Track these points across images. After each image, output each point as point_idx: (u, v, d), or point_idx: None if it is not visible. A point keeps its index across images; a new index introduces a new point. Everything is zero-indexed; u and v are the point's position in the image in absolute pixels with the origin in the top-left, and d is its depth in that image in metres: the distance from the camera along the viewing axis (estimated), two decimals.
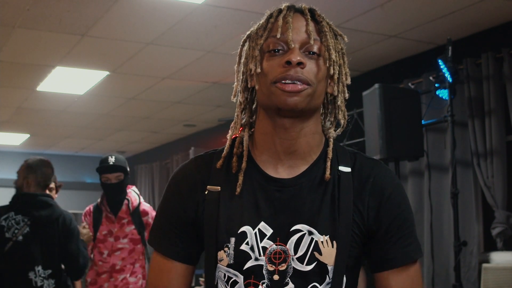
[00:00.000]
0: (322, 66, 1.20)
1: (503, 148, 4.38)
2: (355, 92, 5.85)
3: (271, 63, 1.18)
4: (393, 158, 4.31)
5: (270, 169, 1.23)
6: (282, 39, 1.18)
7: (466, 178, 4.58)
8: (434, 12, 4.35)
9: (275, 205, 1.20)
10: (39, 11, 4.30)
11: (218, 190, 1.22)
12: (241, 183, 1.21)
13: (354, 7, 4.27)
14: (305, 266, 1.17)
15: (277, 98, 1.16)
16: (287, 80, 1.15)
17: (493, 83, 4.40)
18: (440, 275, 4.68)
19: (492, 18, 4.45)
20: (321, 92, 1.22)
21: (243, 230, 1.19)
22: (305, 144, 1.22)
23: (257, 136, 1.25)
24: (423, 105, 4.61)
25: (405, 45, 5.02)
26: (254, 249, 1.18)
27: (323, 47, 1.21)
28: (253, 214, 1.20)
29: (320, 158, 1.24)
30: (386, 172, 1.26)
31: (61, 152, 10.55)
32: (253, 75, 1.23)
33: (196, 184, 1.25)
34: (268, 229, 1.18)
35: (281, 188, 1.21)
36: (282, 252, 1.17)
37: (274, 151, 1.22)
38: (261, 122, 1.24)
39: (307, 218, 1.19)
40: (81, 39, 4.89)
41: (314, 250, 1.17)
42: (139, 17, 4.44)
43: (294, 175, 1.22)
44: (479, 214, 4.60)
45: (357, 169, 1.24)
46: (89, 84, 6.23)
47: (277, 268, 1.17)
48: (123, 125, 8.35)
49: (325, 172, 1.22)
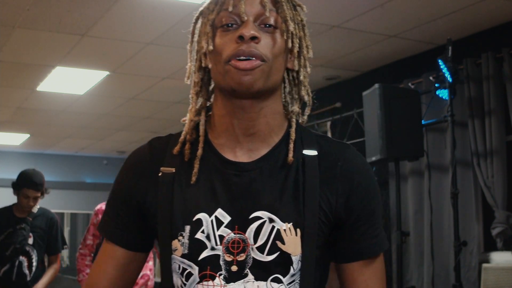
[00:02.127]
0: (279, 40, 1.11)
1: (503, 148, 4.38)
2: (355, 92, 5.86)
3: (224, 39, 1.10)
4: (393, 158, 4.31)
5: (228, 153, 1.14)
6: (235, 12, 1.09)
7: (466, 178, 4.58)
8: (434, 12, 4.35)
9: (233, 191, 1.11)
10: (39, 11, 4.30)
11: (173, 172, 1.13)
12: (196, 171, 1.13)
13: (354, 7, 4.27)
14: (266, 256, 1.08)
15: (231, 78, 1.07)
16: (240, 56, 1.06)
17: (493, 83, 4.40)
18: (440, 275, 4.68)
19: (492, 18, 4.45)
20: (279, 68, 1.12)
21: (199, 218, 1.10)
22: (265, 125, 1.13)
23: (214, 118, 1.17)
24: (423, 105, 4.61)
25: (405, 45, 5.02)
26: (210, 238, 1.09)
27: (280, 18, 1.11)
28: (209, 200, 1.11)
29: (283, 140, 1.15)
30: (356, 157, 1.17)
31: (61, 152, 10.55)
32: (206, 54, 1.14)
33: (148, 167, 1.16)
34: (226, 217, 1.09)
35: (240, 173, 1.12)
36: (240, 241, 1.08)
37: (232, 134, 1.14)
38: (218, 103, 1.15)
39: (267, 204, 1.09)
40: (81, 39, 4.89)
41: (276, 239, 1.08)
42: (139, 17, 4.44)
43: (254, 159, 1.13)
44: (479, 214, 4.59)
45: (324, 152, 1.15)
46: (89, 84, 6.23)
47: (235, 259, 1.08)
48: (123, 125, 8.35)
49: (288, 155, 1.12)
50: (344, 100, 6.04)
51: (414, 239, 4.94)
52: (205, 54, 1.15)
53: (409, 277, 4.98)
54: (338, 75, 5.96)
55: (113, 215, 1.19)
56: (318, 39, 4.87)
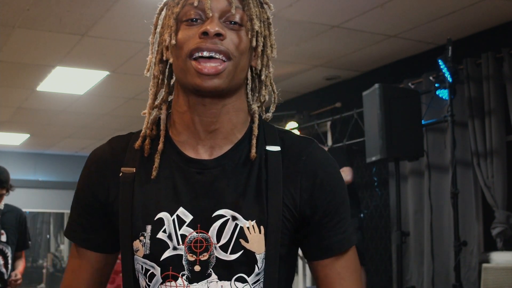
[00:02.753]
0: (244, 38, 1.08)
1: (503, 148, 4.38)
2: (355, 92, 5.85)
3: (187, 33, 1.07)
4: (393, 158, 4.32)
5: (189, 150, 1.11)
6: (200, 7, 1.06)
7: (466, 178, 4.58)
8: (434, 12, 4.35)
9: (196, 189, 1.08)
10: (39, 11, 4.30)
11: (133, 172, 1.11)
12: (157, 166, 1.10)
13: (354, 7, 4.27)
14: (229, 255, 1.05)
15: (193, 79, 1.05)
16: (203, 51, 1.03)
17: (493, 83, 4.40)
18: (440, 275, 4.68)
19: (492, 18, 4.45)
20: (244, 67, 1.10)
21: (160, 217, 1.07)
22: (227, 122, 1.11)
23: (174, 115, 1.14)
24: (423, 105, 4.61)
25: (405, 45, 5.02)
26: (172, 238, 1.06)
27: (245, 16, 1.09)
28: (171, 199, 1.08)
29: (245, 137, 1.13)
30: (319, 151, 1.14)
31: (61, 152, 10.55)
32: (168, 47, 1.12)
33: (108, 167, 1.14)
34: (188, 215, 1.07)
35: (202, 170, 1.09)
36: (203, 240, 1.06)
37: (193, 131, 1.11)
38: (178, 99, 1.13)
39: (230, 202, 1.07)
40: (81, 39, 4.89)
41: (240, 237, 1.05)
42: (139, 17, 4.44)
43: (216, 156, 1.11)
44: (479, 214, 4.59)
45: (287, 148, 1.12)
46: (89, 84, 6.23)
47: (198, 258, 1.05)
48: (123, 125, 8.35)
49: (251, 151, 1.10)
50: (344, 100, 6.04)
51: (414, 239, 4.94)
52: (167, 47, 1.13)
53: (409, 277, 4.98)
54: (338, 75, 5.96)
55: (79, 219, 1.17)
56: (318, 39, 4.87)
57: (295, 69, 5.73)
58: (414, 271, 4.98)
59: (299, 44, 5.01)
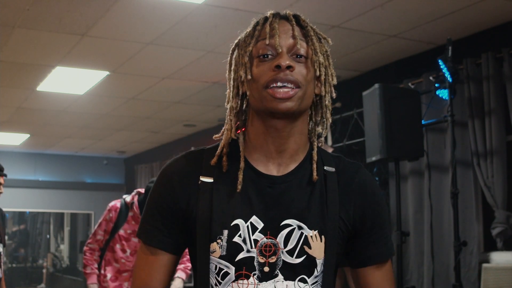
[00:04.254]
0: (310, 68, 1.26)
1: (503, 148, 4.38)
2: (355, 92, 5.83)
3: (261, 68, 1.24)
4: (393, 158, 4.31)
5: (261, 167, 1.28)
6: (270, 44, 1.24)
7: (466, 178, 4.58)
8: (434, 12, 4.36)
9: (266, 200, 1.25)
10: (39, 11, 4.30)
11: (211, 182, 1.27)
12: (241, 181, 1.26)
13: (354, 7, 4.27)
14: (294, 259, 1.22)
15: (269, 103, 1.21)
16: (277, 82, 1.21)
17: (493, 83, 4.40)
18: (440, 275, 4.69)
19: (492, 18, 4.45)
20: (311, 94, 1.27)
21: (236, 223, 1.23)
22: (293, 143, 1.28)
23: (249, 136, 1.31)
24: (423, 105, 4.61)
25: (405, 45, 5.02)
26: (246, 242, 1.22)
27: (309, 50, 1.26)
28: (245, 208, 1.24)
29: (307, 158, 1.31)
30: (368, 175, 1.35)
31: (61, 152, 10.55)
32: (244, 82, 1.28)
33: (188, 176, 1.29)
34: (260, 223, 1.24)
35: (272, 185, 1.27)
36: (272, 245, 1.23)
37: (266, 150, 1.28)
38: (253, 123, 1.29)
39: (296, 214, 1.25)
40: (81, 39, 4.89)
41: (304, 244, 1.23)
42: (139, 17, 4.45)
43: (284, 173, 1.28)
44: (479, 214, 4.60)
45: (341, 170, 1.32)
46: (89, 84, 6.23)
47: (267, 260, 1.22)
48: (123, 125, 8.35)
49: (313, 173, 1.28)
50: (344, 100, 6.03)
51: (414, 239, 4.94)
52: (242, 82, 1.29)
53: (409, 277, 4.98)
54: (338, 75, 5.87)
55: (158, 224, 1.30)
56: None
57: None
58: (414, 271, 4.98)
59: None
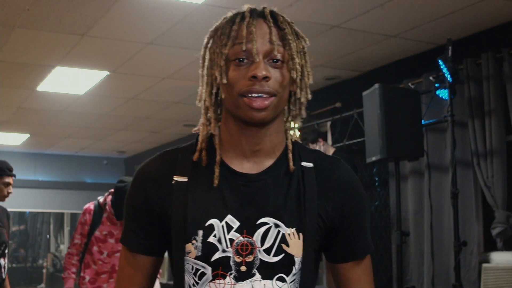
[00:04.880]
0: (286, 73, 1.23)
1: (503, 148, 4.38)
2: (355, 92, 5.83)
3: (237, 73, 1.21)
4: (393, 158, 4.31)
5: (236, 165, 1.27)
6: (247, 49, 1.21)
7: (466, 178, 4.58)
8: (434, 12, 4.36)
9: (242, 199, 1.24)
10: (39, 11, 4.30)
11: (186, 181, 1.25)
12: (218, 175, 1.24)
13: (354, 7, 4.27)
14: (272, 258, 1.21)
15: (244, 112, 1.20)
16: (253, 93, 1.19)
17: (493, 83, 4.40)
18: (440, 275, 4.68)
19: (492, 18, 4.45)
20: (286, 97, 1.26)
21: (211, 223, 1.22)
22: (269, 142, 1.27)
23: (223, 135, 1.29)
24: (423, 105, 4.61)
25: (405, 45, 5.02)
26: (222, 241, 1.21)
27: (286, 54, 1.23)
28: (220, 207, 1.23)
29: (283, 154, 1.29)
30: (348, 169, 1.32)
31: (61, 152, 10.55)
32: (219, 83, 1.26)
33: (161, 177, 1.27)
34: (235, 222, 1.22)
35: (247, 183, 1.25)
36: (249, 244, 1.21)
37: (240, 149, 1.26)
38: (228, 123, 1.27)
39: (272, 211, 1.23)
40: (81, 39, 4.89)
41: (282, 242, 1.21)
42: (139, 17, 4.45)
43: (260, 171, 1.26)
44: (479, 214, 4.60)
45: (319, 165, 1.30)
46: (89, 84, 6.23)
47: (244, 260, 1.20)
48: (123, 125, 8.35)
49: (289, 165, 1.27)
50: (344, 100, 6.04)
51: (414, 239, 4.94)
52: (218, 83, 1.26)
53: (409, 277, 4.98)
54: (338, 75, 5.96)
55: (134, 227, 1.30)
56: (318, 39, 4.87)
57: None
58: (414, 271, 4.98)
59: None
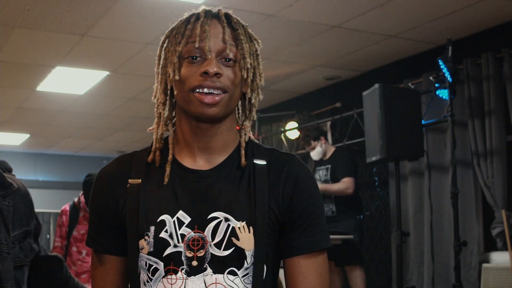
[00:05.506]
0: (238, 72, 1.26)
1: (503, 148, 4.38)
2: (355, 92, 5.83)
3: (189, 70, 1.24)
4: (393, 158, 4.31)
5: (188, 162, 1.29)
6: (200, 47, 1.24)
7: (466, 178, 4.58)
8: (434, 12, 4.36)
9: (193, 195, 1.26)
10: (39, 11, 4.30)
11: (139, 183, 1.29)
12: (168, 173, 1.27)
13: (354, 7, 4.28)
14: (222, 252, 1.22)
15: (195, 108, 1.23)
16: (204, 88, 1.22)
17: (493, 83, 4.40)
18: (440, 275, 4.69)
19: (492, 18, 4.45)
20: (237, 96, 1.28)
21: (162, 219, 1.24)
22: (220, 140, 1.30)
23: (177, 133, 1.33)
24: (423, 105, 4.61)
25: (405, 45, 5.02)
26: (173, 237, 1.22)
27: (238, 53, 1.26)
28: (172, 204, 1.25)
29: (235, 151, 1.32)
30: (299, 163, 1.33)
31: (61, 152, 10.56)
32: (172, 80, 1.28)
33: (117, 179, 1.31)
34: (186, 217, 1.24)
35: (199, 179, 1.27)
36: (200, 239, 1.22)
37: (192, 147, 1.29)
38: (180, 121, 1.31)
39: (223, 206, 1.24)
40: (81, 39, 4.89)
41: (231, 236, 1.22)
42: (139, 17, 4.45)
43: (211, 167, 1.29)
44: (479, 214, 4.60)
45: (272, 162, 1.31)
46: (89, 84, 6.23)
47: (195, 254, 1.22)
48: (123, 125, 8.35)
49: (241, 161, 1.29)
50: (344, 100, 6.04)
51: (414, 239, 4.94)
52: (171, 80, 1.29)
53: (409, 277, 4.98)
54: (338, 75, 5.96)
55: (97, 229, 1.33)
56: (318, 39, 4.87)
57: (295, 69, 5.73)
58: (414, 271, 4.98)
59: (299, 44, 5.01)
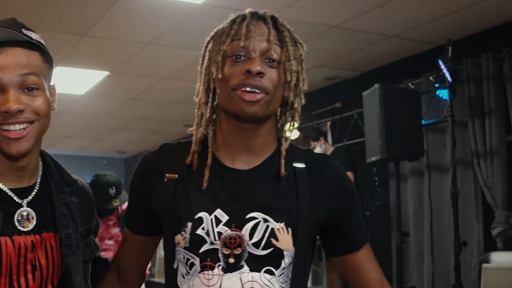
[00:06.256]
0: (281, 75, 1.27)
1: (503, 148, 4.38)
2: (355, 92, 5.84)
3: (233, 69, 1.25)
4: (393, 158, 4.31)
5: (228, 162, 1.31)
6: (245, 46, 1.25)
7: (466, 178, 4.58)
8: (434, 12, 4.36)
9: (232, 194, 1.28)
10: (39, 11, 4.30)
11: (175, 178, 1.31)
12: (207, 178, 1.29)
13: (354, 7, 4.27)
14: (260, 251, 1.24)
15: (236, 105, 1.24)
16: (246, 87, 1.23)
17: (493, 83, 4.40)
18: (440, 275, 4.68)
19: (492, 18, 4.45)
20: (278, 98, 1.29)
21: (200, 216, 1.26)
22: (261, 142, 1.31)
23: (218, 133, 1.34)
24: (423, 105, 4.61)
25: (405, 45, 5.02)
26: (210, 234, 1.25)
27: (283, 55, 1.27)
28: (210, 201, 1.27)
29: (274, 155, 1.33)
30: (337, 166, 1.37)
31: (61, 152, 10.55)
32: (215, 79, 1.30)
33: (155, 171, 1.35)
34: (224, 216, 1.26)
35: (239, 178, 1.29)
36: (237, 237, 1.25)
37: (233, 147, 1.31)
38: (222, 121, 1.32)
39: (262, 206, 1.27)
40: (81, 39, 4.89)
41: (271, 237, 1.24)
42: (139, 17, 4.45)
43: (251, 168, 1.31)
44: (479, 214, 4.60)
45: (311, 164, 1.34)
46: (89, 84, 6.24)
47: (232, 252, 1.24)
48: (123, 125, 8.35)
49: (280, 168, 1.31)
50: (344, 100, 6.04)
51: (414, 239, 4.94)
52: (213, 79, 1.31)
53: (409, 277, 4.98)
54: (338, 75, 5.96)
55: (132, 209, 1.43)
56: (318, 39, 4.87)
57: None
58: (414, 271, 4.98)
59: None
